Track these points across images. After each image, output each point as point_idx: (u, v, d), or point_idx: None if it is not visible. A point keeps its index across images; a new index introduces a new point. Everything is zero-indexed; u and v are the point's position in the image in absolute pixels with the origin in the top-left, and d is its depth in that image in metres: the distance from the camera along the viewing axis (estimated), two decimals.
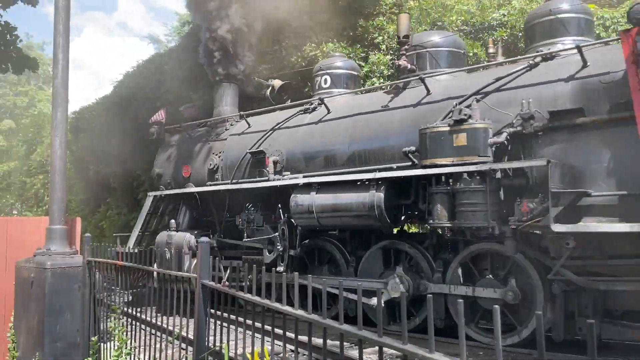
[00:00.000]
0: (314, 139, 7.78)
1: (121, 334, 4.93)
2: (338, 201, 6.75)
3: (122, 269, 5.15)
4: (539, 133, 5.57)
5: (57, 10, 6.24)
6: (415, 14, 11.27)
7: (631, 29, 5.02)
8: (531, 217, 5.13)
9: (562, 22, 6.20)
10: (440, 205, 5.85)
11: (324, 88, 8.47)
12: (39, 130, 26.26)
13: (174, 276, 4.60)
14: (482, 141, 5.68)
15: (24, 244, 6.25)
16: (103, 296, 5.52)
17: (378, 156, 6.98)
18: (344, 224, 7.07)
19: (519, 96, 5.81)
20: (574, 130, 5.45)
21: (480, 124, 5.74)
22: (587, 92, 5.44)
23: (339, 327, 2.21)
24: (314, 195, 7.00)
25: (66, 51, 6.24)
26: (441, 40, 7.30)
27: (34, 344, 5.59)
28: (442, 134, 5.87)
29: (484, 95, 6.19)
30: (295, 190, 7.29)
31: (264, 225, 7.97)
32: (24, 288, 5.89)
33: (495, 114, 5.93)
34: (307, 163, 7.77)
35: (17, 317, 6.06)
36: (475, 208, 5.56)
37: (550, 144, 5.59)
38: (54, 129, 6.14)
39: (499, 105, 6.01)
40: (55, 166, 6.06)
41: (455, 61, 7.28)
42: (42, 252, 5.79)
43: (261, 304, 3.03)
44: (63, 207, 6.03)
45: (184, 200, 9.59)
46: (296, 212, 7.19)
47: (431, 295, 1.89)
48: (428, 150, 5.98)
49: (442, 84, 6.86)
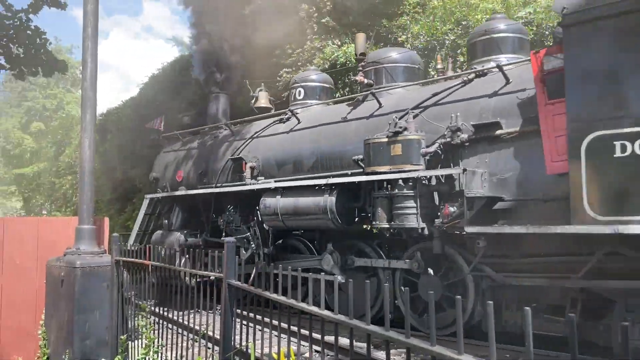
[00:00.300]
0: (285, 147, 8.57)
1: (149, 333, 5.00)
2: (299, 204, 7.49)
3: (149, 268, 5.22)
4: (466, 144, 6.20)
5: (85, 15, 6.37)
6: (439, 13, 11.18)
7: (540, 50, 5.57)
8: (451, 220, 5.84)
9: (497, 42, 6.89)
10: (380, 209, 6.53)
11: (299, 100, 9.22)
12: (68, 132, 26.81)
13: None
14: (415, 151, 6.38)
15: (54, 243, 6.38)
16: (131, 295, 5.61)
17: (337, 163, 7.72)
18: (305, 225, 7.75)
19: (451, 110, 6.45)
20: (493, 142, 6.07)
21: (414, 135, 6.44)
22: (506, 107, 6.06)
23: (366, 327, 2.21)
24: (279, 199, 7.74)
25: (95, 55, 6.36)
26: (398, 57, 8.00)
27: (64, 341, 5.70)
28: (381, 145, 6.60)
29: (423, 109, 6.88)
30: (264, 194, 8.03)
31: (241, 226, 8.74)
32: (54, 286, 6.02)
33: (431, 126, 6.61)
34: (279, 169, 8.56)
35: (48, 315, 6.19)
36: (408, 211, 6.25)
37: (475, 153, 6.23)
38: (83, 131, 6.26)
39: (435, 118, 6.66)
40: (84, 167, 6.19)
41: (411, 76, 7.94)
42: (71, 252, 5.90)
43: (287, 303, 3.05)
44: (92, 208, 6.16)
45: (177, 202, 10.34)
46: (264, 214, 7.96)
47: (459, 297, 1.87)
48: (370, 159, 6.69)
49: (394, 97, 7.55)
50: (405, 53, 8.18)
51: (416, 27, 11.26)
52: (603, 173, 4.67)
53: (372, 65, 8.07)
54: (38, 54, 16.95)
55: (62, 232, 6.52)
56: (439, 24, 11.01)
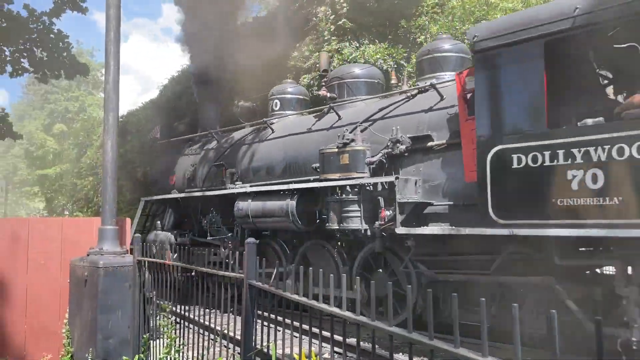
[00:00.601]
0: (260, 154, 9.38)
1: (170, 332, 5.06)
2: (266, 207, 8.21)
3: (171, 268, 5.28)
4: (405, 154, 6.91)
5: (108, 19, 6.46)
6: (458, 13, 11.11)
7: (463, 71, 6.15)
8: (386, 222, 6.55)
9: (440, 61, 7.58)
10: (332, 212, 7.22)
11: (275, 110, 9.96)
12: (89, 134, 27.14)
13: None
14: (361, 160, 7.13)
15: (78, 243, 6.48)
16: (152, 295, 5.68)
17: (302, 170, 8.41)
18: (272, 226, 8.51)
19: (394, 123, 7.16)
20: (426, 152, 6.77)
21: (360, 146, 7.21)
22: (437, 121, 6.77)
23: (389, 329, 2.21)
24: (250, 202, 8.48)
25: (117, 58, 6.45)
26: (360, 72, 8.80)
27: (87, 340, 5.78)
28: (332, 155, 7.36)
29: (372, 123, 7.57)
30: (239, 198, 8.75)
31: (222, 227, 9.53)
32: (78, 286, 6.11)
33: (377, 138, 7.32)
34: (254, 174, 9.34)
35: (72, 314, 6.28)
36: (353, 214, 6.97)
37: (412, 163, 6.93)
38: (105, 133, 6.34)
39: (380, 131, 7.36)
40: (106, 169, 6.27)
41: (371, 90, 8.67)
42: (95, 252, 5.98)
43: (308, 304, 3.06)
44: (114, 208, 6.24)
45: (169, 205, 11.16)
46: (238, 216, 8.71)
47: (484, 300, 1.87)
48: (324, 167, 7.47)
49: (352, 110, 8.28)
50: (366, 69, 9.01)
51: (435, 27, 11.21)
52: (503, 182, 5.29)
53: (336, 80, 8.85)
54: (61, 57, 17.25)
55: (85, 232, 6.62)
56: (457, 23, 10.95)
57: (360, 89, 8.66)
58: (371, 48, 11.82)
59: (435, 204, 6.53)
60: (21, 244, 6.44)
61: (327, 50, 12.60)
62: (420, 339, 2.05)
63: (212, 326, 4.69)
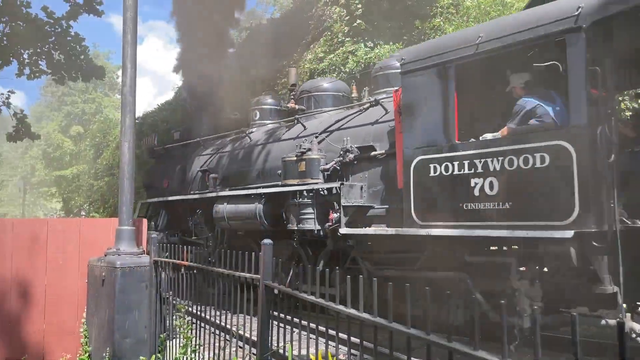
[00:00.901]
0: (237, 160, 10.18)
1: (186, 332, 5.09)
2: (238, 210, 8.95)
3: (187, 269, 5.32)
4: (354, 162, 7.57)
5: (125, 22, 6.53)
6: (473, 13, 11.04)
7: (398, 88, 6.64)
8: (334, 223, 7.30)
9: (389, 77, 8.20)
10: (292, 214, 7.89)
11: (255, 120, 10.82)
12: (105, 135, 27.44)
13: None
14: (316, 168, 7.84)
15: (95, 243, 6.55)
16: (168, 295, 5.72)
17: (273, 175, 9.07)
18: (244, 227, 9.23)
19: (347, 134, 7.88)
20: (370, 161, 7.40)
21: (315, 155, 7.90)
22: (380, 133, 7.42)
23: (406, 330, 2.20)
24: (226, 205, 9.21)
25: (134, 60, 6.51)
26: (327, 86, 9.59)
27: (104, 339, 5.85)
28: (292, 162, 8.09)
29: (329, 134, 8.31)
30: (217, 201, 9.50)
31: (204, 227, 10.35)
32: (95, 286, 6.19)
33: (332, 147, 8.03)
34: (234, 179, 10.04)
35: (89, 313, 6.36)
36: (308, 216, 7.65)
37: (360, 170, 7.57)
38: (123, 135, 6.41)
39: (335, 141, 8.08)
40: (124, 170, 6.33)
41: (336, 102, 9.39)
42: (112, 252, 6.05)
43: (324, 305, 3.06)
44: (131, 209, 6.30)
45: (163, 207, 11.98)
46: (216, 218, 9.46)
47: (504, 302, 1.86)
48: (286, 174, 8.20)
49: (316, 121, 8.96)
50: (333, 83, 9.87)
51: (450, 28, 11.16)
52: (423, 188, 6.02)
53: (306, 93, 9.67)
54: (78, 60, 17.49)
55: (102, 232, 6.69)
56: (473, 24, 10.88)
57: (327, 101, 9.45)
58: (385, 49, 11.79)
59: (376, 207, 7.24)
60: (40, 245, 6.53)
61: (341, 52, 12.63)
62: (438, 340, 2.04)
63: (227, 327, 4.71)
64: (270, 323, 3.88)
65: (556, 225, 4.84)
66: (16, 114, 18.53)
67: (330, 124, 8.43)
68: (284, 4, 24.84)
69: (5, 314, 6.30)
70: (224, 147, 11.00)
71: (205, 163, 11.11)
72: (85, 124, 48.95)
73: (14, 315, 6.35)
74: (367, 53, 11.98)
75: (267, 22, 20.23)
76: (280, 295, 3.84)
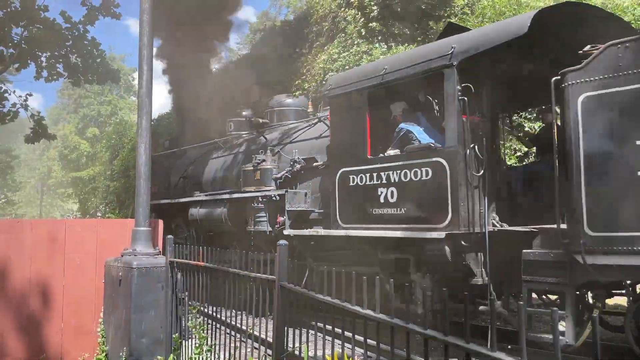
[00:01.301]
0: (213, 168, 11.09)
1: (201, 332, 5.12)
2: (208, 213, 9.96)
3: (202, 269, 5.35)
4: (301, 172, 8.45)
5: (141, 24, 6.60)
6: (488, 14, 10.97)
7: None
8: (280, 225, 8.15)
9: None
10: (250, 217, 8.85)
11: (230, 131, 11.68)
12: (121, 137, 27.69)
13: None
14: (269, 176, 8.79)
15: (112, 244, 6.62)
16: (184, 295, 5.76)
17: (236, 182, 9.75)
18: (214, 229, 10.16)
19: (296, 147, 8.80)
20: (313, 171, 8.31)
21: (268, 165, 8.87)
22: (321, 146, 8.29)
23: (424, 331, 2.20)
24: (199, 209, 10.29)
25: (150, 62, 6.58)
26: (289, 102, 10.66)
27: (121, 339, 5.91)
28: (249, 171, 9.06)
29: (283, 146, 9.27)
30: (192, 205, 10.58)
31: (184, 228, 11.31)
32: (112, 286, 6.25)
33: (284, 158, 8.90)
34: (210, 185, 10.94)
35: (106, 313, 6.43)
36: (261, 219, 8.63)
37: (306, 179, 8.48)
38: (139, 136, 6.47)
39: (287, 152, 8.95)
40: (140, 172, 6.40)
41: (297, 116, 10.31)
42: (128, 253, 6.11)
43: (339, 306, 3.06)
44: (147, 210, 6.36)
45: (152, 210, 11.90)
46: (191, 220, 10.57)
47: (521, 304, 1.84)
48: (245, 181, 9.16)
49: (276, 134, 9.88)
50: (296, 99, 10.97)
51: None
52: (344, 195, 7.03)
53: (269, 108, 10.71)
54: (95, 64, 17.71)
55: (119, 233, 6.76)
56: (488, 24, 10.81)
57: (288, 115, 10.40)
58: (400, 49, 11.77)
59: (316, 211, 8.14)
60: (58, 245, 6.61)
61: (355, 51, 12.63)
62: (456, 342, 2.03)
63: (242, 327, 4.73)
64: (286, 323, 3.88)
65: (435, 227, 5.89)
66: (33, 116, 18.81)
67: (285, 137, 9.44)
68: (297, 5, 24.88)
69: (24, 314, 6.40)
70: (203, 155, 12.01)
71: (187, 169, 12.21)
72: (101, 126, 49.45)
73: (33, 315, 6.44)
74: (383, 53, 11.97)
75: (281, 24, 20.28)
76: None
